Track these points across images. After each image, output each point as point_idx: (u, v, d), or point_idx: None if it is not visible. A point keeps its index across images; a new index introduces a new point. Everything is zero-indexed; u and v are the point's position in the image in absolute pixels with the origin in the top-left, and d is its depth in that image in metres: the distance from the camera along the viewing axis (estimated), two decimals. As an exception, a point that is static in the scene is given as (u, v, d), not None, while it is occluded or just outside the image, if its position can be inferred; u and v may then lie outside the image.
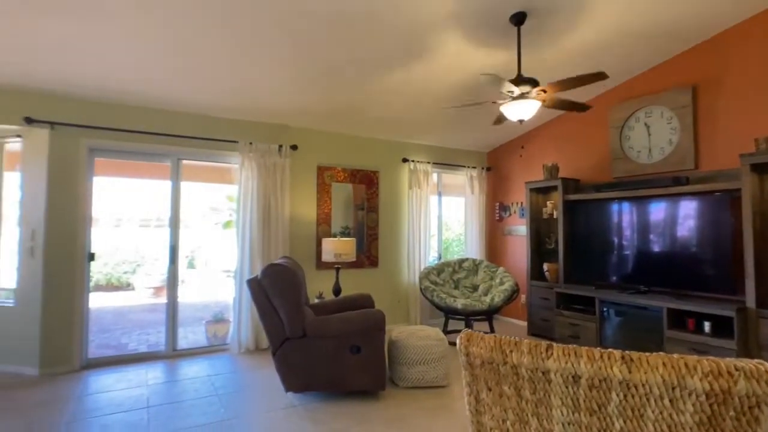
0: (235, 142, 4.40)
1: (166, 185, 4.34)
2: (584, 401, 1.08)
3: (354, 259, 4.54)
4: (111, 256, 9.06)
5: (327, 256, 4.41)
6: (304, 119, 4.66)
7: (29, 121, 3.73)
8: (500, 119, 3.47)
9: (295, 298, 3.10)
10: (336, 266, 4.52)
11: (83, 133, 3.90)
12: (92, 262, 4.04)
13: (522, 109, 3.13)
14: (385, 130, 5.15)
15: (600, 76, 2.76)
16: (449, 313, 4.61)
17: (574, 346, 1.09)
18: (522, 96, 3.06)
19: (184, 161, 4.37)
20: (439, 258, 5.88)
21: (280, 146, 4.57)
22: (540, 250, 5.08)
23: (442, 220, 5.98)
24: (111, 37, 3.02)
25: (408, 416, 2.93)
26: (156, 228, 10.52)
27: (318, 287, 4.62)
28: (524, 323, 5.27)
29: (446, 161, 5.80)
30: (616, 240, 4.29)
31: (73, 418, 2.87)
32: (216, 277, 10.26)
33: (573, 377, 1.08)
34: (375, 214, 5.25)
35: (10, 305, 3.89)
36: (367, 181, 5.21)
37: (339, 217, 5.02)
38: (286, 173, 4.58)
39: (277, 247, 4.48)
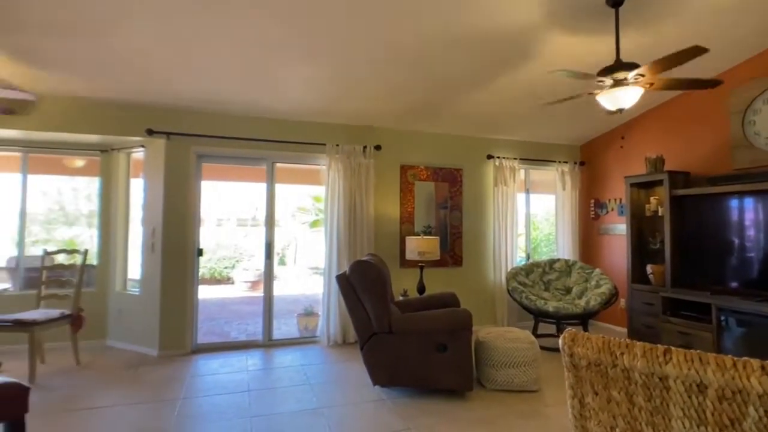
0: (322, 144, 4.61)
1: (261, 187, 4.67)
2: (712, 414, 0.96)
3: (438, 258, 4.51)
4: (214, 252, 10.00)
5: (411, 255, 4.44)
6: (388, 120, 4.74)
7: (150, 132, 4.24)
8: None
9: (381, 294, 3.16)
10: (420, 264, 4.53)
11: (192, 141, 4.35)
12: (200, 258, 4.48)
13: (622, 98, 2.88)
14: (470, 127, 5.05)
15: (698, 51, 2.43)
16: (539, 315, 4.39)
17: (698, 351, 0.98)
18: (621, 83, 2.82)
19: (278, 164, 4.68)
20: (528, 258, 5.62)
21: (365, 147, 4.70)
22: (642, 251, 4.63)
23: (530, 218, 5.72)
24: (219, 57, 3.33)
25: (497, 419, 2.84)
26: (251, 227, 11.41)
27: (402, 285, 4.67)
28: (623, 329, 4.85)
29: (535, 156, 5.54)
30: (736, 240, 3.77)
31: (187, 395, 3.20)
32: (304, 272, 10.86)
33: (698, 386, 0.97)
34: (459, 212, 5.18)
35: (137, 294, 4.47)
36: (450, 179, 5.15)
37: (421, 215, 5.03)
38: (370, 173, 4.69)
39: (363, 245, 4.61)
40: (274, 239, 4.68)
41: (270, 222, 4.65)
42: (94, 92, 3.96)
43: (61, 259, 4.52)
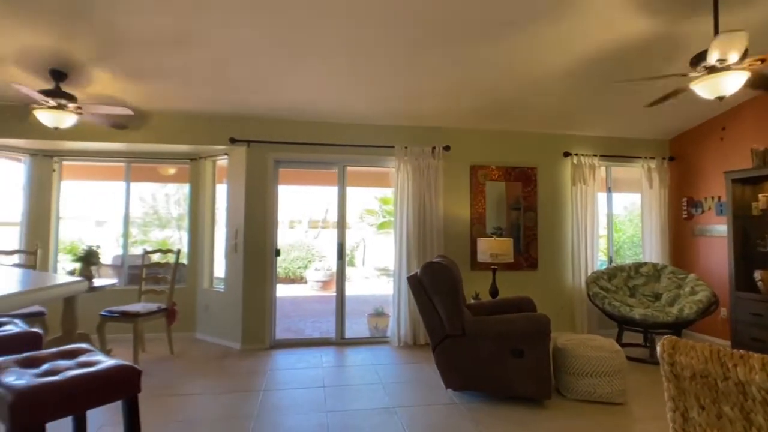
0: (391, 147, 4.66)
1: (330, 191, 4.83)
2: None
3: (511, 260, 4.36)
4: (288, 253, 10.48)
5: (483, 257, 4.33)
6: (457, 119, 4.68)
7: (233, 141, 4.56)
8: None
9: (453, 296, 3.12)
10: (492, 267, 4.41)
11: (270, 148, 4.60)
12: (278, 258, 4.72)
13: (722, 84, 2.61)
14: (544, 124, 4.84)
15: None
16: (624, 323, 4.08)
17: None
18: (719, 69, 2.54)
19: (348, 167, 4.80)
20: (610, 262, 5.25)
21: (434, 148, 4.68)
22: (748, 255, 4.13)
23: (612, 219, 5.34)
24: (296, 68, 3.50)
25: (579, 431, 2.67)
26: (321, 229, 11.83)
27: (473, 288, 4.57)
28: (725, 342, 4.35)
29: (617, 153, 5.16)
30: None
31: (268, 387, 3.39)
32: (372, 273, 11.04)
33: (836, 406, 0.84)
34: (533, 213, 4.97)
35: (222, 291, 4.81)
36: (523, 179, 4.97)
37: (492, 216, 4.89)
38: (439, 174, 4.66)
39: (433, 247, 4.58)
40: (345, 240, 4.80)
41: (341, 223, 4.78)
42: (185, 106, 4.34)
43: (156, 258, 4.99)
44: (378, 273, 10.71)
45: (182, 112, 4.49)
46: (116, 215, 5.37)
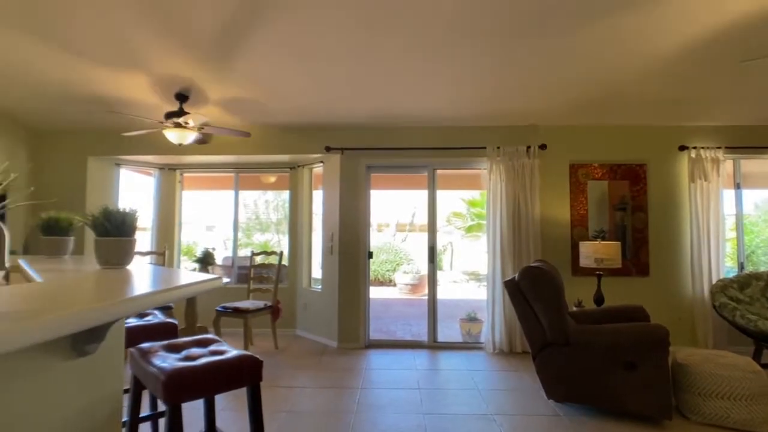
0: (483, 148, 4.56)
1: (417, 194, 4.85)
2: None
3: (619, 266, 4.01)
4: (376, 256, 10.73)
5: (586, 261, 4.05)
6: (554, 116, 4.44)
7: (328, 149, 4.80)
8: None
9: (555, 303, 2.96)
10: (597, 272, 4.09)
11: (362, 154, 4.76)
12: (370, 260, 4.86)
13: None
14: (654, 115, 4.39)
15: None
16: (761, 340, 3.54)
17: None
18: None
19: (438, 170, 4.80)
20: (741, 268, 4.59)
21: (528, 147, 4.49)
22: None
23: (741, 219, 4.67)
24: (386, 75, 3.60)
25: (710, 459, 2.37)
26: (408, 232, 11.94)
27: (575, 294, 4.28)
28: None
29: (746, 143, 4.50)
30: None
31: (364, 385, 3.49)
32: (460, 277, 10.87)
33: None
34: (643, 213, 4.52)
35: (319, 291, 5.07)
36: (631, 177, 4.55)
37: (593, 218, 4.55)
38: (535, 174, 4.45)
39: (529, 251, 4.39)
40: (436, 243, 4.79)
41: (432, 226, 4.78)
42: (285, 119, 4.67)
43: (259, 259, 5.41)
44: (467, 277, 10.53)
45: (283, 125, 4.83)
46: (223, 220, 5.94)
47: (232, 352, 1.73)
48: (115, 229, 1.65)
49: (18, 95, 4.16)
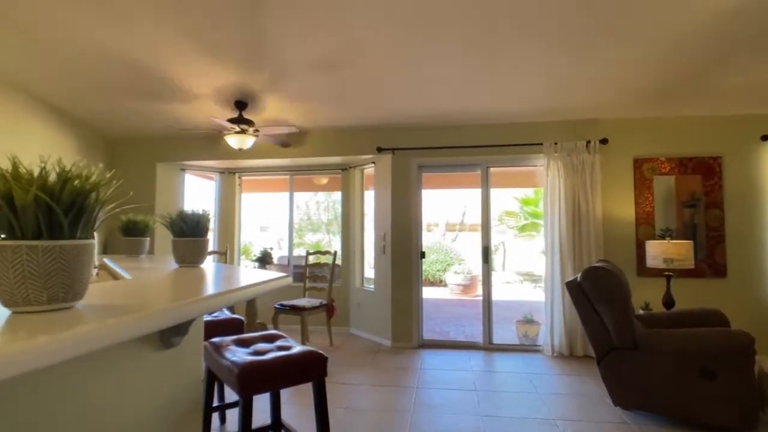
0: (539, 144, 4.42)
1: (468, 193, 4.78)
2: None
3: (692, 266, 3.73)
4: (426, 256, 10.68)
5: (654, 261, 3.81)
6: (616, 109, 4.22)
7: (379, 149, 4.84)
8: None
9: (621, 305, 2.81)
10: (666, 273, 3.84)
11: (414, 153, 4.76)
12: (423, 260, 4.85)
13: None
14: (731, 103, 4.05)
15: None
16: None
17: None
18: None
19: (492, 168, 4.70)
20: (834, 270, 4.14)
21: (588, 142, 4.29)
22: None
23: (835, 215, 4.21)
24: (438, 74, 3.58)
25: (805, 479, 2.16)
26: (459, 232, 11.79)
27: (641, 297, 4.04)
28: None
29: (841, 131, 4.06)
30: None
31: (420, 385, 3.49)
32: (513, 278, 10.59)
33: None
34: (718, 210, 4.19)
35: (372, 290, 5.13)
36: (703, 171, 4.23)
37: (660, 215, 4.28)
38: (595, 170, 4.25)
39: (590, 250, 4.19)
40: (490, 243, 4.69)
41: (485, 225, 4.69)
42: (338, 122, 4.77)
43: (313, 258, 5.55)
44: (521, 278, 10.23)
45: (335, 127, 4.93)
46: (277, 221, 6.14)
47: (297, 348, 1.79)
48: (191, 230, 1.76)
49: (95, 106, 4.54)
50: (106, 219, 0.80)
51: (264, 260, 5.06)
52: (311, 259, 5.15)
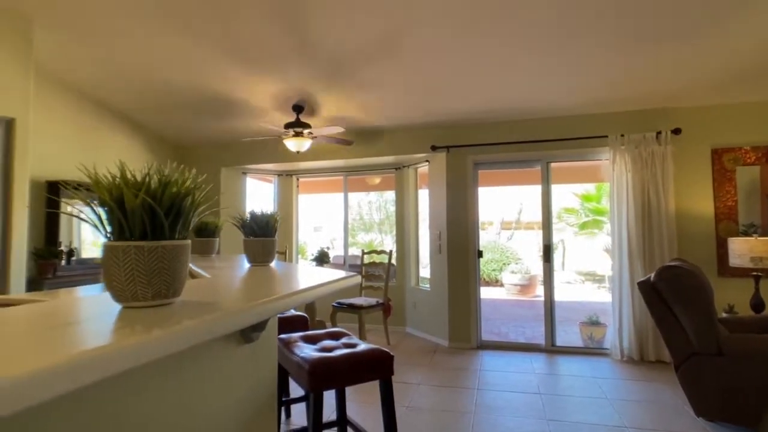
0: (604, 137, 4.19)
1: (525, 190, 4.62)
2: None
3: (783, 265, 3.38)
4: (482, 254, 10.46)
5: (738, 260, 3.48)
6: (691, 96, 3.91)
7: (434, 148, 4.80)
8: None
9: (702, 306, 2.60)
10: (754, 274, 3.50)
11: (469, 151, 4.68)
12: (480, 259, 4.75)
13: None
14: (827, 84, 3.63)
15: None
16: None
17: None
18: None
19: (552, 164, 4.52)
20: None
21: (659, 133, 4.01)
22: None
23: None
24: (493, 69, 3.49)
25: None
26: (514, 230, 11.45)
27: (723, 299, 3.72)
28: None
29: None
30: None
31: (480, 386, 3.42)
32: (574, 278, 10.12)
33: None
34: (815, 203, 3.77)
35: (427, 289, 5.10)
36: (796, 160, 3.82)
37: (743, 210, 3.91)
38: (667, 162, 3.97)
39: (662, 249, 3.92)
40: (552, 241, 4.51)
41: (546, 223, 4.52)
42: (391, 122, 4.79)
43: (367, 258, 5.60)
44: (582, 278, 9.77)
45: (389, 127, 4.96)
46: (330, 221, 6.26)
47: (363, 346, 1.81)
48: (261, 230, 1.84)
49: (164, 118, 4.87)
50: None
51: (321, 259, 5.19)
52: (366, 259, 5.21)
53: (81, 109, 4.34)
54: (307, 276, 1.40)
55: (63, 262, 3.98)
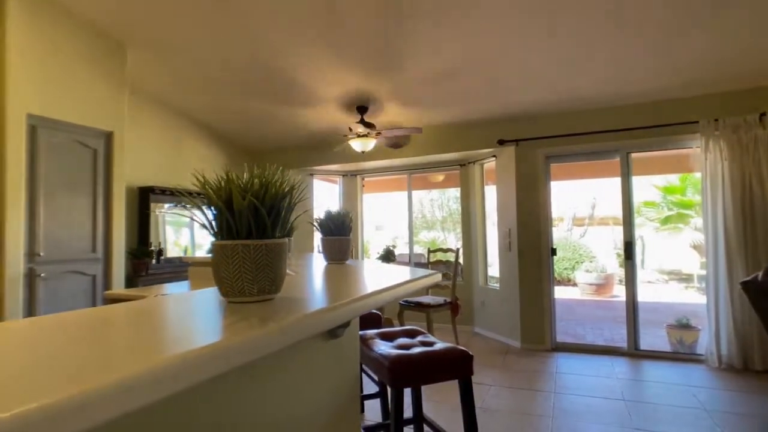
0: (694, 122, 3.82)
1: (599, 183, 4.32)
2: None
3: None
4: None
5: None
6: (800, 71, 3.45)
7: (501, 142, 4.66)
8: None
9: (825, 310, 2.28)
10: None
11: (540, 144, 4.48)
12: (554, 257, 4.54)
13: None
14: None
15: None
16: None
17: None
18: None
19: (633, 154, 4.21)
20: None
21: (762, 114, 3.59)
22: None
23: None
24: (560, 56, 3.31)
25: None
26: (587, 226, 10.80)
27: None
28: None
29: None
30: None
31: (558, 390, 3.27)
32: (655, 277, 9.36)
33: None
34: None
35: (497, 288, 4.96)
36: None
37: None
38: (773, 148, 3.54)
39: (766, 244, 3.50)
40: (633, 238, 4.20)
41: (626, 219, 4.21)
42: (455, 118, 4.72)
43: (431, 256, 5.55)
44: (666, 277, 9.01)
45: (453, 124, 4.89)
46: (392, 220, 6.28)
47: (440, 344, 1.80)
48: (337, 229, 1.88)
49: (237, 125, 5.16)
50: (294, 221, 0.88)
51: (387, 257, 5.22)
52: (431, 257, 5.18)
53: (165, 120, 4.72)
54: (386, 274, 1.41)
55: (153, 261, 4.36)
